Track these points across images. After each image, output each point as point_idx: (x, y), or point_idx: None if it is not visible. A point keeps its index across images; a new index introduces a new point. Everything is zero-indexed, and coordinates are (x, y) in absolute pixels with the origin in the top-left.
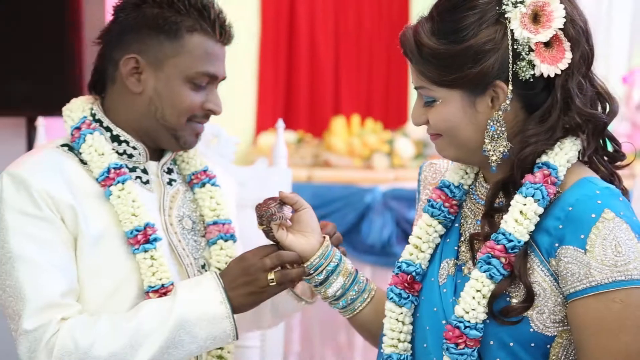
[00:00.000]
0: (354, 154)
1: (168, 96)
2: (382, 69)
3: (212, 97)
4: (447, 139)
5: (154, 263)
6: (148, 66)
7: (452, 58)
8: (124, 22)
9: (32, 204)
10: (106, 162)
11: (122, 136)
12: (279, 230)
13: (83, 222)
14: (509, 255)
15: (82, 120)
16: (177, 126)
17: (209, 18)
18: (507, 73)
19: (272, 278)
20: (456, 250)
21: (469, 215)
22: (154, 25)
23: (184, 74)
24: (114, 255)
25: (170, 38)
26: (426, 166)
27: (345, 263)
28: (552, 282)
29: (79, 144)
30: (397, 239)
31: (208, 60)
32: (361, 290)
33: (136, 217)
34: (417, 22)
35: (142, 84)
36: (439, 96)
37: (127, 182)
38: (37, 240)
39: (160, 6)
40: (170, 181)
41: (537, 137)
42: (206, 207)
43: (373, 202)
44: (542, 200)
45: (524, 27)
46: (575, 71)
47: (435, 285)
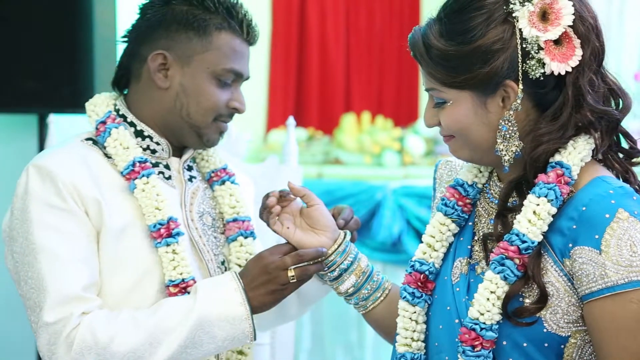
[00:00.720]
0: (365, 151)
1: (194, 92)
2: (393, 65)
3: (236, 96)
4: (460, 140)
5: (176, 257)
6: (175, 62)
7: (461, 59)
8: (152, 18)
9: (58, 195)
10: (131, 156)
11: (146, 131)
12: (280, 227)
13: (107, 216)
14: (522, 256)
15: (107, 115)
16: (202, 124)
17: (237, 17)
18: (517, 72)
19: (292, 275)
20: (469, 249)
21: (482, 214)
22: (183, 21)
23: (211, 70)
24: (136, 248)
25: (199, 35)
26: (442, 164)
27: (360, 261)
28: (566, 283)
29: (104, 138)
30: (408, 236)
31: (235, 58)
32: (374, 289)
33: (159, 211)
34: (426, 24)
35: (169, 80)
36: (450, 97)
37: (152, 176)
38: (61, 232)
39: (190, 3)
40: (191, 178)
41: (549, 136)
42: (226, 205)
43: (383, 200)
44: (556, 200)
45: (532, 26)
46: (586, 68)
47: (449, 284)
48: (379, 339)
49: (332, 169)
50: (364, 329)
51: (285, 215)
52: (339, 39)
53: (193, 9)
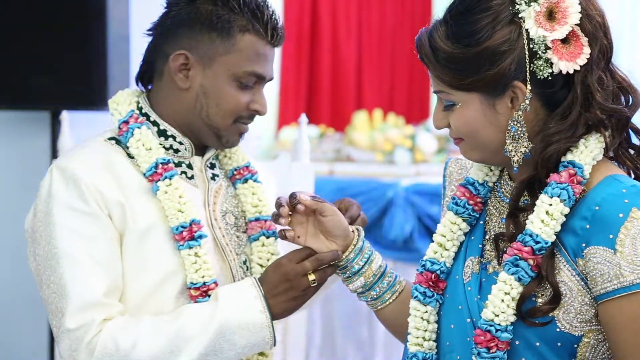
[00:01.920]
0: (376, 149)
1: (214, 94)
2: (405, 63)
3: (258, 98)
4: (469, 142)
5: (198, 260)
6: (197, 63)
7: (468, 61)
8: (176, 16)
9: (81, 199)
10: (154, 157)
11: (169, 131)
12: (292, 234)
13: (130, 219)
14: (536, 257)
15: (130, 114)
16: (222, 126)
17: (262, 19)
18: (525, 73)
19: (313, 279)
20: (481, 248)
21: (493, 213)
22: (207, 22)
23: (232, 72)
24: (159, 250)
25: (222, 36)
26: (452, 162)
27: (372, 263)
28: (579, 282)
29: (126, 138)
30: (419, 234)
31: (257, 61)
32: (384, 291)
33: (182, 214)
34: (432, 25)
35: (190, 81)
36: (458, 100)
37: (174, 178)
38: (84, 236)
39: (215, 3)
40: (214, 176)
41: (560, 135)
42: (248, 203)
43: (395, 197)
44: (568, 200)
45: (539, 26)
46: (595, 66)
47: (460, 283)
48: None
49: (343, 167)
50: (375, 327)
51: (296, 219)
52: (351, 36)
53: (218, 9)
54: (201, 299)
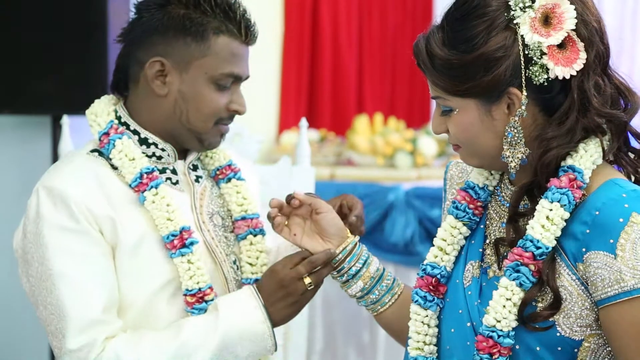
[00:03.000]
0: (377, 153)
1: (193, 98)
2: (406, 67)
3: (236, 98)
4: (468, 148)
5: (191, 267)
6: (173, 69)
7: (464, 67)
8: (148, 22)
9: (71, 217)
10: (138, 167)
11: (151, 139)
12: (288, 233)
13: (121, 232)
14: (537, 262)
15: (110, 125)
16: (203, 129)
17: (234, 19)
18: (521, 79)
19: (309, 282)
20: (481, 252)
21: (494, 217)
22: (180, 26)
23: (210, 74)
24: (153, 259)
25: (197, 40)
26: (452, 165)
27: (369, 266)
28: (579, 286)
29: (108, 150)
30: (420, 237)
31: (233, 61)
32: (383, 294)
33: (171, 222)
34: (429, 31)
35: (167, 87)
36: (455, 106)
37: (160, 186)
38: (77, 255)
39: (186, 7)
40: (197, 178)
41: (558, 140)
42: (233, 203)
43: (396, 201)
44: (569, 205)
45: (534, 31)
46: (591, 71)
47: (460, 288)
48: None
49: (344, 170)
50: (376, 331)
51: (295, 220)
52: (352, 40)
53: (190, 13)
54: (198, 305)
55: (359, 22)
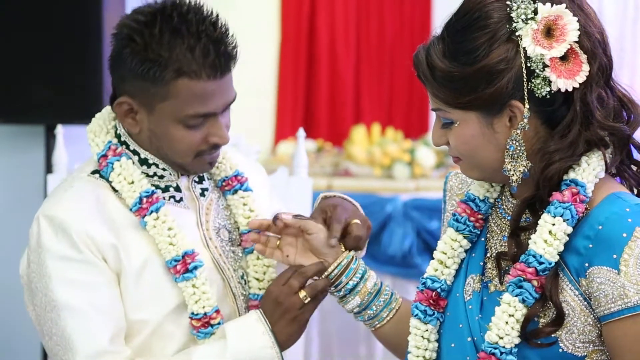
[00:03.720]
0: (375, 163)
1: (164, 138)
2: (404, 77)
3: (214, 130)
4: (468, 161)
5: (196, 291)
6: (141, 107)
7: (465, 80)
8: (115, 55)
9: (73, 247)
10: (137, 191)
11: (151, 159)
12: (280, 255)
13: (125, 259)
14: (540, 278)
15: (108, 146)
16: (184, 162)
17: (195, 59)
18: (523, 91)
19: (304, 295)
20: (482, 265)
21: (495, 230)
22: (136, 70)
23: (174, 117)
24: (157, 284)
25: (155, 84)
26: (452, 176)
27: (366, 281)
28: (582, 302)
29: (107, 173)
30: (418, 249)
31: (199, 102)
32: (380, 309)
33: (173, 247)
34: (430, 42)
35: (139, 124)
36: (456, 118)
37: (161, 210)
38: (81, 285)
39: (145, 48)
40: (203, 191)
41: (560, 154)
42: (240, 215)
43: (394, 212)
44: (571, 219)
45: (536, 43)
46: (594, 84)
47: (461, 301)
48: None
49: (341, 181)
50: (373, 344)
51: (286, 240)
52: (349, 50)
53: (147, 54)
54: (203, 329)
55: (356, 30)
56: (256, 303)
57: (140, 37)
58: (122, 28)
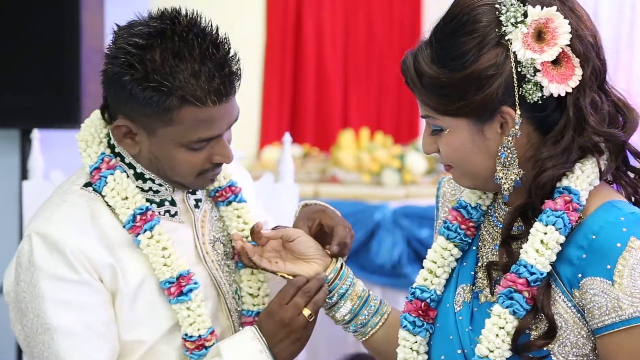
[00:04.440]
0: (363, 170)
1: (165, 160)
2: (393, 79)
3: (218, 150)
4: (459, 169)
5: (191, 314)
6: (140, 130)
7: (454, 86)
8: (112, 78)
9: (68, 267)
10: (131, 208)
11: (147, 174)
12: (269, 263)
13: (122, 279)
14: (531, 289)
15: (101, 158)
16: (186, 182)
17: (199, 87)
18: (514, 97)
19: (309, 314)
20: (473, 275)
21: (486, 238)
22: (139, 100)
23: (177, 141)
24: (153, 304)
25: (158, 113)
26: (445, 181)
27: (355, 286)
28: (575, 314)
29: (100, 187)
30: (408, 259)
31: (203, 127)
32: (372, 314)
33: (168, 268)
34: (418, 48)
35: (138, 145)
36: (446, 125)
37: (156, 228)
38: (76, 306)
39: (146, 76)
40: (197, 203)
41: (554, 161)
42: (234, 228)
43: (383, 220)
44: (564, 228)
45: (527, 48)
46: (587, 88)
47: (451, 312)
48: None
49: (328, 188)
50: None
51: (269, 254)
52: (337, 52)
53: (148, 84)
54: (197, 351)
55: (344, 31)
56: (250, 319)
57: (141, 64)
58: (119, 52)
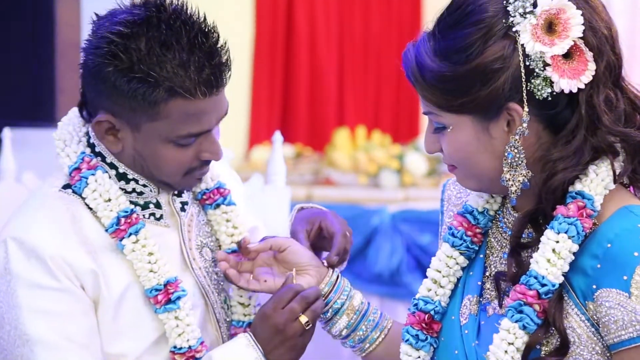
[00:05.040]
0: (359, 171)
1: (150, 157)
2: (392, 74)
3: (206, 146)
4: (464, 170)
5: (179, 324)
6: (124, 126)
7: (458, 81)
8: (93, 70)
9: (48, 274)
10: (115, 210)
11: (130, 174)
12: (257, 284)
13: (105, 287)
14: (542, 301)
15: (81, 158)
16: (172, 182)
17: (188, 78)
18: (521, 93)
19: (306, 321)
20: (480, 286)
21: (494, 246)
22: (124, 92)
23: (164, 137)
24: (137, 313)
25: (144, 106)
26: (450, 184)
27: (352, 299)
28: (589, 328)
29: (80, 188)
30: (408, 267)
31: (192, 122)
32: (371, 329)
33: (154, 274)
34: (420, 40)
35: (122, 142)
36: (449, 122)
37: (141, 232)
38: (57, 315)
39: (131, 67)
40: (183, 206)
41: (564, 163)
42: (222, 233)
43: (381, 225)
44: (577, 236)
45: (536, 40)
46: (601, 84)
47: (456, 325)
48: None
49: (322, 191)
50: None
51: (259, 270)
52: (331, 44)
53: (134, 75)
54: None
55: (339, 23)
56: (241, 330)
57: (125, 54)
58: (102, 41)
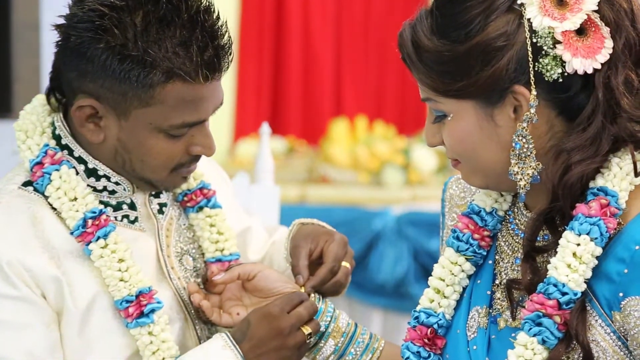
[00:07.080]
0: (360, 167)
1: (136, 149)
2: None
3: (199, 139)
4: (468, 163)
5: (154, 340)
6: (109, 112)
7: (457, 61)
8: (78, 49)
9: (4, 281)
10: (81, 211)
11: (101, 170)
12: (229, 318)
13: (69, 297)
14: (563, 312)
15: (44, 151)
16: (155, 179)
17: (189, 59)
18: (528, 74)
19: (309, 332)
20: (489, 295)
21: (505, 250)
22: (115, 74)
23: (155, 125)
24: (105, 328)
25: (137, 90)
26: (452, 182)
27: (337, 320)
28: (615, 342)
29: (43, 186)
30: (415, 275)
31: (188, 109)
32: (361, 353)
33: (125, 284)
34: (417, 17)
35: (103, 131)
36: (449, 110)
37: (111, 236)
38: (15, 327)
39: (124, 44)
40: (161, 208)
41: (581, 153)
42: (206, 240)
43: (384, 229)
44: (601, 238)
45: (545, 14)
46: (620, 64)
47: (462, 340)
48: None
49: (318, 190)
50: None
51: (229, 304)
52: (327, 26)
53: (129, 53)
54: None
55: (336, 4)
56: None
57: (119, 29)
58: (91, 14)
